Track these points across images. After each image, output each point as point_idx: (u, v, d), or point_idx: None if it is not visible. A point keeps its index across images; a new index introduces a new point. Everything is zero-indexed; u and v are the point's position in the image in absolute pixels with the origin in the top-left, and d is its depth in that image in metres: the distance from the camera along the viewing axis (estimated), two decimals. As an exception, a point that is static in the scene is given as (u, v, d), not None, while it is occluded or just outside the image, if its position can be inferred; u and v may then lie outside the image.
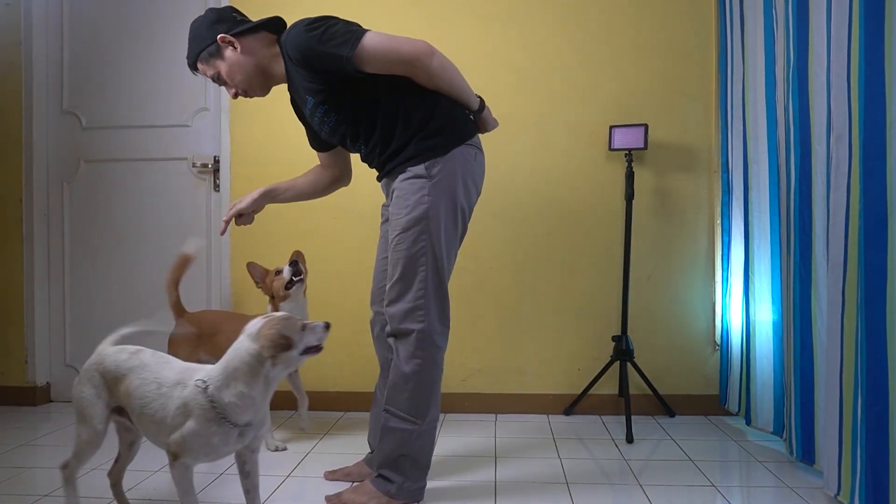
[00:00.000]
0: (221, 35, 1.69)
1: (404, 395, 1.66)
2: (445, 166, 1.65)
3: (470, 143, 1.73)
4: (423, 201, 1.63)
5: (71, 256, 2.89)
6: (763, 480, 1.92)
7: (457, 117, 1.72)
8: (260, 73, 1.73)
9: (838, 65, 1.62)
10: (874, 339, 1.49)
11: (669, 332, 2.63)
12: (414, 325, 1.64)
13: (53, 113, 2.89)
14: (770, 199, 2.22)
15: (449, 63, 1.66)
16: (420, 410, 1.67)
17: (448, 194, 1.66)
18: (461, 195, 1.69)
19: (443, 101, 1.68)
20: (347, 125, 1.73)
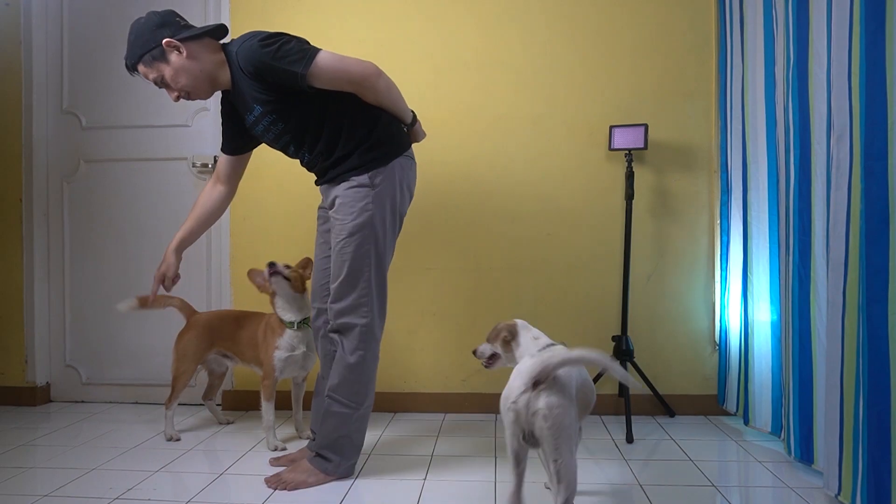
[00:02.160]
0: (167, 39, 1.74)
1: (348, 383, 1.83)
2: (386, 176, 1.82)
3: (406, 154, 1.90)
4: (367, 209, 1.79)
5: (71, 256, 2.89)
6: (762, 480, 1.92)
7: (395, 131, 1.88)
8: (205, 78, 1.80)
9: (839, 64, 1.62)
10: (876, 339, 1.49)
11: (669, 332, 2.64)
12: (358, 321, 1.81)
13: (53, 113, 2.89)
14: (769, 198, 2.22)
15: (392, 83, 1.84)
16: (360, 397, 1.85)
17: (389, 202, 1.83)
18: (398, 202, 1.87)
19: (383, 116, 1.85)
20: (293, 134, 1.85)
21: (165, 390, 2.84)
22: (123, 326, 2.84)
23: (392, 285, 2.65)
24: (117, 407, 2.77)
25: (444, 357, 2.62)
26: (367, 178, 1.79)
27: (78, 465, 2.03)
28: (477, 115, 2.68)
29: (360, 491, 1.83)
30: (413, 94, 2.67)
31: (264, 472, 1.97)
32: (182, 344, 2.31)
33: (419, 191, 2.67)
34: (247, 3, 2.74)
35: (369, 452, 2.15)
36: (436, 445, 2.24)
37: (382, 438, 2.32)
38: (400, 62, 2.70)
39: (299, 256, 2.31)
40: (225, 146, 2.07)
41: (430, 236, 2.69)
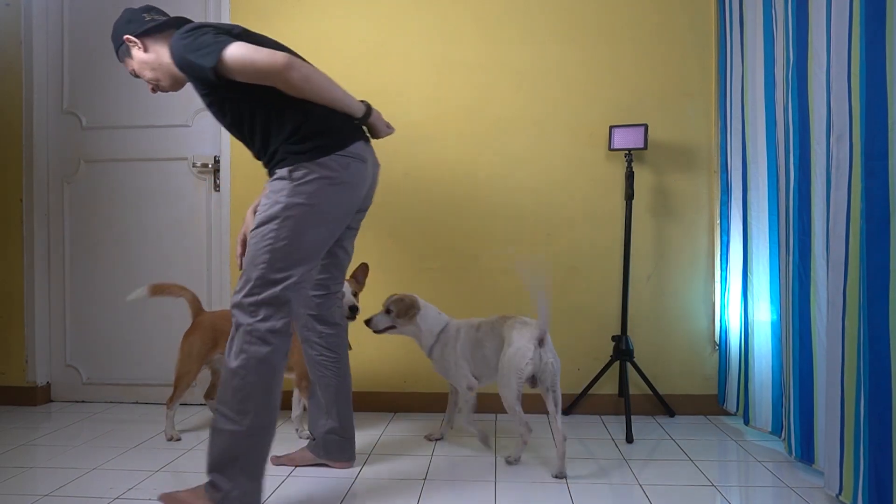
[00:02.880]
0: (126, 35, 1.79)
1: (230, 391, 1.60)
2: (310, 172, 1.66)
3: (343, 153, 1.71)
4: (279, 201, 1.64)
5: (71, 256, 2.89)
6: (762, 480, 1.92)
7: (332, 126, 1.72)
8: (165, 71, 1.79)
9: (838, 64, 1.62)
10: (877, 339, 1.49)
11: (669, 332, 2.63)
12: (244, 319, 1.61)
13: (53, 113, 2.89)
14: (769, 198, 2.22)
15: (315, 75, 1.70)
16: (244, 410, 1.58)
17: (306, 198, 1.65)
18: (324, 202, 1.68)
19: (316, 110, 1.70)
20: (234, 129, 1.79)
21: (165, 390, 2.84)
22: (123, 326, 2.84)
23: (392, 285, 2.67)
24: (117, 407, 2.77)
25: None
26: (287, 171, 1.66)
27: (78, 465, 2.03)
28: (477, 115, 2.68)
29: (361, 491, 1.83)
30: (414, 95, 2.69)
31: (264, 471, 1.97)
32: (187, 343, 2.31)
33: (420, 190, 2.69)
34: (247, 3, 2.74)
35: (369, 452, 2.16)
36: (436, 445, 2.24)
37: (382, 438, 2.32)
38: (400, 62, 2.70)
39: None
40: None
41: (430, 236, 2.69)
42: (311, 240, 1.69)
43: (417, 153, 2.69)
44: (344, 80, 2.69)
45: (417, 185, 2.69)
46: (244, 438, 1.58)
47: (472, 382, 2.11)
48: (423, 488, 1.84)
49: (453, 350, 2.14)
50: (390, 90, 2.70)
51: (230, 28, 1.69)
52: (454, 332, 2.17)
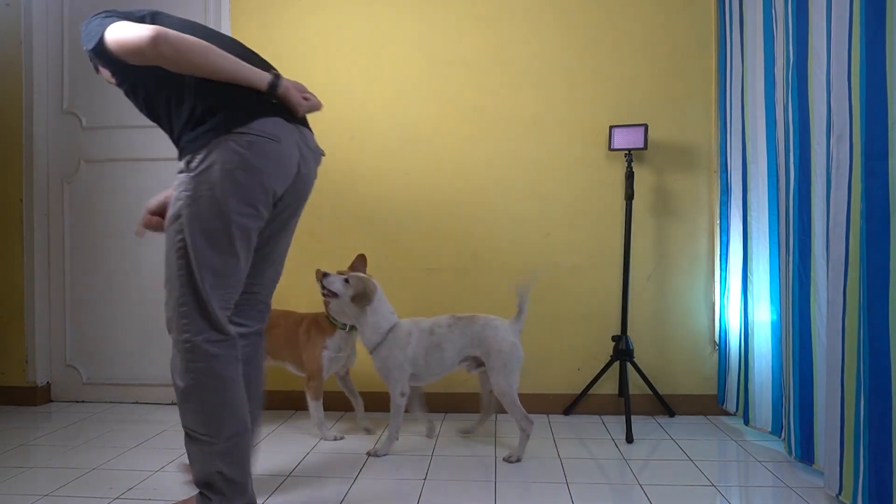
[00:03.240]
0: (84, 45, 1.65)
1: (190, 412, 1.51)
2: (205, 159, 1.47)
3: (241, 131, 1.48)
4: (180, 197, 1.48)
5: (71, 256, 2.89)
6: (763, 480, 1.92)
7: (230, 103, 1.50)
8: None
9: (838, 64, 1.62)
10: (877, 339, 1.49)
11: (669, 331, 2.63)
12: (181, 335, 1.49)
13: (53, 113, 2.89)
14: (769, 198, 2.22)
15: (194, 45, 1.45)
16: (211, 427, 1.50)
17: (207, 190, 1.46)
18: (227, 190, 1.47)
19: (210, 88, 1.49)
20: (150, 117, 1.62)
21: (166, 390, 2.85)
22: (123, 326, 2.84)
23: (392, 285, 2.66)
24: (117, 407, 2.77)
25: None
26: (185, 162, 1.49)
27: (78, 465, 2.03)
28: (477, 115, 2.68)
29: (361, 491, 1.83)
30: (412, 95, 2.69)
31: (264, 471, 1.97)
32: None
33: (420, 190, 2.69)
34: (247, 3, 2.74)
35: (365, 457, 2.15)
36: (436, 445, 2.24)
37: (382, 438, 2.32)
38: (400, 62, 2.70)
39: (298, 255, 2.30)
40: None
41: (431, 236, 2.69)
42: (220, 238, 1.49)
43: (417, 153, 2.69)
44: (343, 80, 2.72)
45: (417, 185, 2.69)
46: (219, 455, 1.50)
47: (406, 389, 2.13)
48: (423, 488, 1.84)
49: (402, 353, 2.09)
50: (390, 90, 2.70)
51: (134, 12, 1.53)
52: (404, 334, 2.11)
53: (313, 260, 2.69)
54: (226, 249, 1.51)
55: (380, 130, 2.70)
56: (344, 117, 2.70)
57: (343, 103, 2.70)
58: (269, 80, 1.53)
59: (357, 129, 2.70)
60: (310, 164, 1.68)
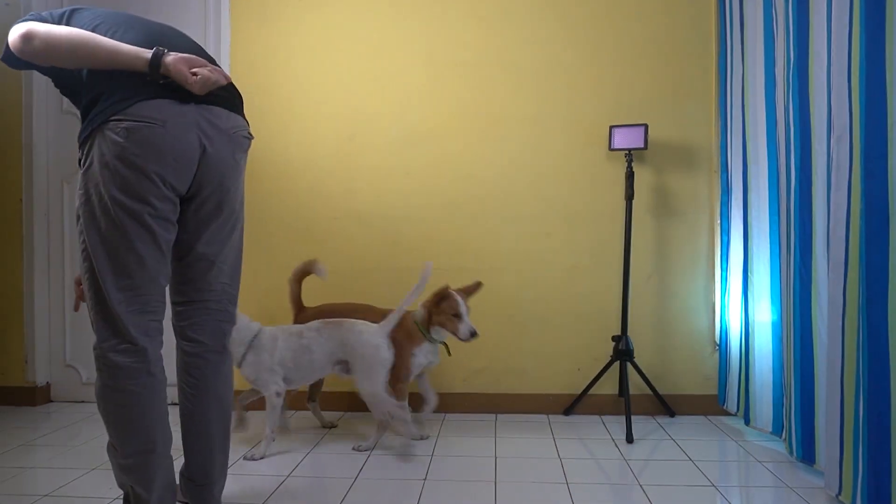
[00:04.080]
0: None
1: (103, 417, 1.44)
2: (88, 155, 1.38)
3: (118, 119, 1.35)
4: (77, 198, 1.40)
5: (71, 256, 2.88)
6: (763, 480, 1.92)
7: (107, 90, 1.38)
8: None
9: (839, 65, 1.62)
10: (876, 338, 1.49)
11: (669, 332, 2.63)
12: (95, 342, 1.41)
13: (53, 113, 2.89)
14: (769, 198, 2.22)
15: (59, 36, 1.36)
16: (117, 439, 1.43)
17: (94, 187, 1.37)
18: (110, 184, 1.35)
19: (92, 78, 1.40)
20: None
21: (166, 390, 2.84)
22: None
23: (392, 285, 2.67)
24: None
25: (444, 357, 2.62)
26: (78, 158, 1.41)
27: (78, 465, 2.03)
28: (477, 115, 2.68)
29: (361, 491, 1.83)
30: (413, 95, 2.69)
31: (264, 472, 1.97)
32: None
33: (420, 190, 2.69)
34: (247, 3, 2.74)
35: (369, 452, 2.15)
36: (436, 446, 2.24)
37: (382, 438, 2.31)
38: (399, 63, 2.70)
39: (298, 255, 2.30)
40: None
41: (431, 236, 2.69)
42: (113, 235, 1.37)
43: (417, 153, 2.69)
44: (343, 80, 2.72)
45: (417, 185, 2.69)
46: (125, 468, 1.43)
47: (282, 388, 2.16)
48: (423, 488, 1.84)
49: (269, 356, 2.14)
50: (389, 90, 2.70)
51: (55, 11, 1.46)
52: (269, 339, 2.16)
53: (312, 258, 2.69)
54: (123, 248, 1.38)
55: (380, 130, 2.70)
56: (344, 117, 2.70)
57: (343, 103, 2.70)
58: (146, 60, 1.35)
59: (357, 129, 2.70)
60: (220, 145, 1.46)
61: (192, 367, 1.55)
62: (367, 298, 2.51)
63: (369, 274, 2.70)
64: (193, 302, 1.55)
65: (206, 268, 1.54)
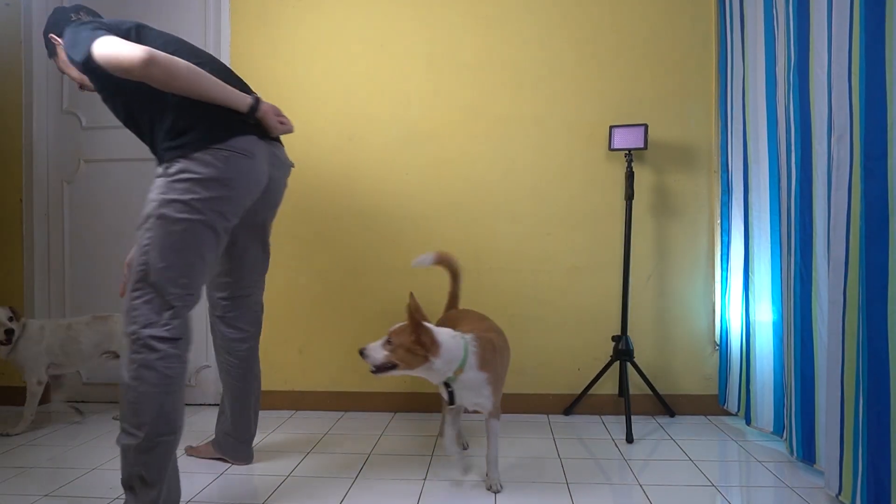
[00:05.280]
0: (51, 34, 1.79)
1: (126, 404, 1.54)
2: (185, 169, 1.60)
3: (222, 147, 1.62)
4: (154, 199, 1.60)
5: (71, 256, 2.89)
6: (763, 480, 1.92)
7: (210, 120, 1.64)
8: None
9: (839, 64, 1.62)
10: (876, 338, 1.49)
11: (669, 332, 2.63)
12: (128, 327, 1.55)
13: (53, 113, 2.89)
14: (770, 198, 2.22)
15: (183, 71, 1.58)
16: (140, 421, 1.52)
17: (181, 196, 1.58)
18: (199, 199, 1.59)
19: (192, 104, 1.62)
20: (129, 125, 1.75)
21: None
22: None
23: (392, 286, 2.67)
24: (117, 407, 2.75)
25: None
26: (163, 168, 1.62)
27: (78, 465, 2.03)
28: (477, 115, 2.68)
29: (361, 491, 1.83)
30: (413, 95, 2.69)
31: (263, 472, 1.97)
32: None
33: (420, 190, 2.69)
34: (247, 3, 2.74)
35: (369, 452, 2.16)
36: (435, 445, 2.24)
37: (382, 438, 2.32)
38: (399, 63, 2.70)
39: (299, 255, 2.30)
40: None
41: (431, 236, 2.69)
42: (188, 239, 1.59)
43: (417, 153, 2.69)
44: (343, 80, 2.72)
45: (417, 185, 2.69)
46: (140, 454, 1.51)
47: (43, 378, 2.41)
48: (423, 488, 1.84)
49: (36, 346, 2.39)
50: (389, 90, 2.70)
51: (119, 24, 1.64)
52: (37, 330, 2.41)
53: (313, 259, 2.69)
54: (193, 252, 1.60)
55: (380, 130, 2.70)
56: (344, 117, 2.70)
57: (343, 103, 2.70)
58: (249, 104, 1.68)
59: (357, 129, 2.70)
60: (279, 174, 1.86)
61: (236, 351, 1.96)
62: (367, 298, 2.51)
63: (369, 272, 2.70)
64: (238, 297, 1.95)
65: (251, 268, 1.95)
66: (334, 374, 2.70)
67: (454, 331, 1.79)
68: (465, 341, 1.76)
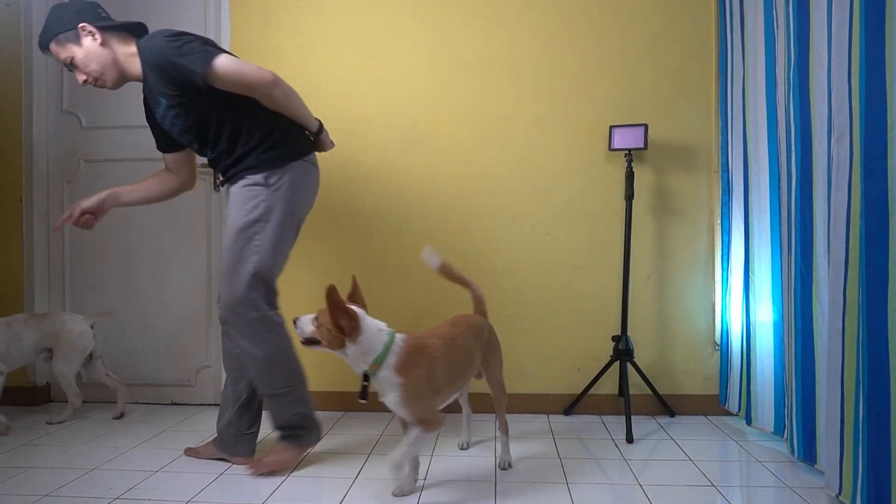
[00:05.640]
0: (83, 24, 1.86)
1: (267, 373, 1.93)
2: (282, 177, 1.92)
3: (306, 159, 1.99)
4: (259, 206, 1.89)
5: (71, 256, 2.89)
6: (763, 480, 1.92)
7: (294, 136, 1.98)
8: (114, 67, 1.90)
9: (839, 64, 1.62)
10: (875, 338, 1.49)
11: (669, 332, 2.63)
12: (254, 313, 1.88)
13: (53, 113, 2.89)
14: (770, 198, 2.22)
15: (292, 92, 1.92)
16: (288, 380, 1.94)
17: (283, 202, 1.92)
18: (294, 203, 1.95)
19: (283, 120, 1.94)
20: (196, 131, 1.94)
21: (165, 390, 2.85)
22: (123, 326, 2.84)
23: (392, 285, 2.67)
24: (117, 407, 2.77)
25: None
26: (262, 177, 1.90)
27: (78, 465, 2.03)
28: (477, 115, 2.68)
29: (360, 491, 1.83)
30: (413, 95, 2.69)
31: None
32: None
33: (419, 190, 2.69)
34: (247, 3, 2.74)
35: (369, 453, 2.16)
36: (435, 446, 2.24)
37: (382, 438, 2.32)
38: (400, 63, 2.70)
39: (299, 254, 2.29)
40: (158, 144, 2.16)
41: (431, 236, 2.69)
42: (286, 237, 1.95)
43: (417, 153, 2.69)
44: (343, 80, 2.72)
45: (417, 185, 2.69)
46: (298, 398, 1.96)
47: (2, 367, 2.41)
48: (422, 488, 1.83)
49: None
50: (390, 90, 2.70)
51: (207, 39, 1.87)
52: None
53: (313, 258, 2.69)
54: (286, 246, 1.97)
55: (380, 130, 2.70)
56: (344, 117, 2.70)
57: (343, 103, 2.70)
58: (318, 125, 2.06)
59: (357, 128, 2.70)
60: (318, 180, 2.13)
61: None
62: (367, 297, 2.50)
63: (369, 272, 2.69)
64: None
65: None
66: (334, 374, 2.69)
67: (384, 325, 1.71)
68: (389, 338, 1.67)
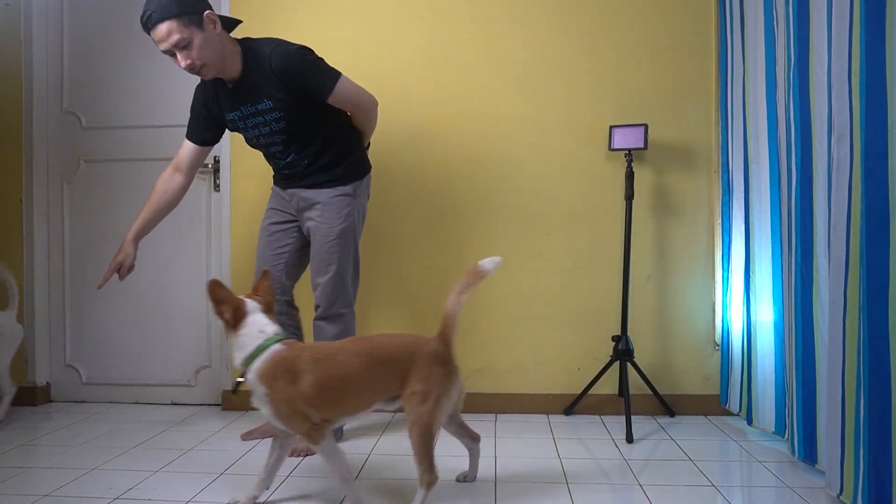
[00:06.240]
0: (209, 12, 1.93)
1: None
2: (361, 188, 2.18)
3: (370, 174, 2.26)
4: (350, 215, 2.13)
5: (71, 256, 2.89)
6: (764, 480, 1.92)
7: (364, 152, 2.25)
8: (221, 59, 1.99)
9: (839, 64, 1.62)
10: (876, 338, 1.49)
11: (669, 332, 2.63)
12: (344, 310, 2.15)
13: (53, 113, 2.89)
14: (771, 198, 2.22)
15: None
16: None
17: (361, 212, 2.20)
18: (365, 212, 2.24)
19: (358, 135, 2.20)
20: (289, 134, 2.07)
21: (166, 390, 2.85)
22: (123, 326, 2.84)
23: (392, 285, 2.67)
24: (117, 407, 2.77)
25: None
26: (351, 188, 2.13)
27: (78, 465, 2.03)
28: (477, 115, 2.68)
29: (361, 491, 1.82)
30: (413, 96, 2.69)
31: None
32: None
33: (420, 190, 2.70)
34: (247, 3, 2.74)
35: (369, 453, 2.15)
36: (435, 446, 2.23)
37: (382, 439, 2.32)
38: (400, 63, 2.70)
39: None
40: (194, 136, 2.21)
41: (431, 236, 2.69)
42: (357, 245, 2.20)
43: (417, 153, 2.69)
44: (344, 80, 2.71)
45: (417, 185, 2.69)
46: None
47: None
48: (423, 488, 1.83)
49: None
50: (390, 90, 2.69)
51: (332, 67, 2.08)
52: None
53: (313, 260, 2.68)
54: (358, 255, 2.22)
55: (379, 130, 2.68)
56: (344, 117, 2.70)
57: (343, 103, 2.70)
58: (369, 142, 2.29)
59: (357, 128, 2.70)
60: None
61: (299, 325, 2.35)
62: (367, 297, 2.51)
63: (369, 271, 2.69)
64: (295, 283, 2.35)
65: None
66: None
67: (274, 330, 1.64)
68: (266, 343, 1.60)
